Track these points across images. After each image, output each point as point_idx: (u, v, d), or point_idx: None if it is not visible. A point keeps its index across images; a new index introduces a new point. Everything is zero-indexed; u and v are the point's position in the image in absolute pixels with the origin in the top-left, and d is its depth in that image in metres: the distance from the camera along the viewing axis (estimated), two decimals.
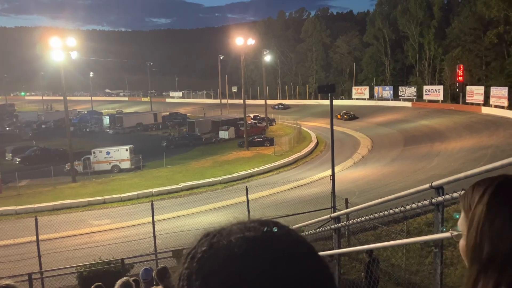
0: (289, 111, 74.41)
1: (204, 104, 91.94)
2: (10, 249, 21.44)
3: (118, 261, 13.52)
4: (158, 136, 58.86)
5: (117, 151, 40.76)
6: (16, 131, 67.21)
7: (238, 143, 48.56)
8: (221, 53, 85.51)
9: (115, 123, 69.13)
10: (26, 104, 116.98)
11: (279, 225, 0.76)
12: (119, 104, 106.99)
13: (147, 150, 44.51)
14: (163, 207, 23.78)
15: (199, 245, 0.74)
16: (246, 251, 0.69)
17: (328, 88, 16.66)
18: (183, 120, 69.31)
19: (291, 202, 23.46)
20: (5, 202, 31.46)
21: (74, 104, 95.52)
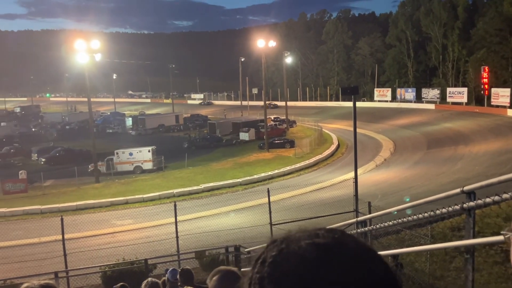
0: (310, 113, 74.04)
1: (225, 106, 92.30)
2: (36, 248, 21.93)
3: (141, 261, 13.66)
4: (180, 138, 59.30)
5: (140, 152, 41.22)
6: (41, 132, 68.59)
7: (259, 145, 48.58)
8: (242, 55, 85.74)
9: (138, 125, 69.95)
10: (51, 105, 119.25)
11: (345, 233, 0.80)
12: (141, 105, 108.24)
13: (168, 151, 44.89)
14: (184, 208, 23.91)
15: (268, 251, 0.77)
16: (318, 257, 0.72)
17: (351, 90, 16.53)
18: (204, 121, 69.71)
19: (312, 204, 23.35)
20: (31, 202, 32.15)
21: (97, 105, 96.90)
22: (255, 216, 22.97)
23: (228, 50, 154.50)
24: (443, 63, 77.04)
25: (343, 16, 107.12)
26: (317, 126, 56.18)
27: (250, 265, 0.78)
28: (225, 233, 20.09)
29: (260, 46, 54.43)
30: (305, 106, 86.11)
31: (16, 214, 29.83)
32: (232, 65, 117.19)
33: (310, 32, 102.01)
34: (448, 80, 75.19)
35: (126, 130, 69.39)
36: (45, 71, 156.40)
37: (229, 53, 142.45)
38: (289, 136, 54.19)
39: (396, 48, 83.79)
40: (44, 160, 46.00)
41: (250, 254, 11.49)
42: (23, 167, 42.24)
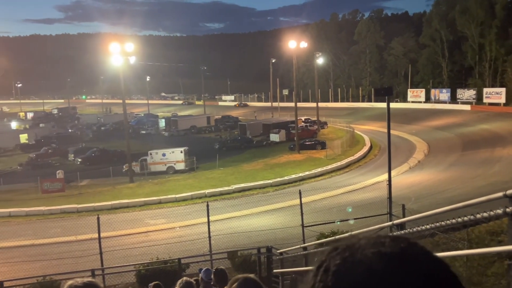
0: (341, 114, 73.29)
1: (256, 107, 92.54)
2: (72, 245, 22.60)
3: (174, 261, 13.88)
4: (211, 139, 59.87)
5: (172, 153, 41.86)
6: (77, 133, 70.50)
7: (289, 146, 48.48)
8: (273, 56, 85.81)
9: (170, 126, 70.99)
10: (87, 107, 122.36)
11: (411, 241, 0.76)
12: (174, 107, 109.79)
13: (200, 152, 45.38)
14: (215, 208, 24.13)
15: (330, 259, 0.75)
16: (385, 267, 0.70)
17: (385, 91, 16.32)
18: (235, 123, 70.10)
19: (344, 207, 23.14)
20: (68, 201, 33.12)
21: (131, 107, 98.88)
22: (286, 218, 22.97)
23: (259, 51, 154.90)
24: (479, 62, 74.90)
25: (375, 16, 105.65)
26: (349, 127, 55.62)
27: (283, 267, 0.81)
28: (256, 234, 20.16)
29: (291, 47, 54.34)
30: (337, 107, 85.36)
31: (54, 212, 30.77)
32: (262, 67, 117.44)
33: (342, 33, 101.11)
34: (485, 80, 73.04)
35: (159, 131, 70.51)
36: (82, 73, 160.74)
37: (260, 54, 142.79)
38: (320, 137, 53.85)
39: (430, 48, 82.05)
40: (80, 160, 47.27)
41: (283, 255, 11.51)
42: (60, 167, 43.55)
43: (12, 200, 34.45)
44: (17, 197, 35.27)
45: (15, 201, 33.95)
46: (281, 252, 11.58)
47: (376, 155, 44.04)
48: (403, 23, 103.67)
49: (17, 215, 30.67)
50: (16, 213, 30.86)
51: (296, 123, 49.82)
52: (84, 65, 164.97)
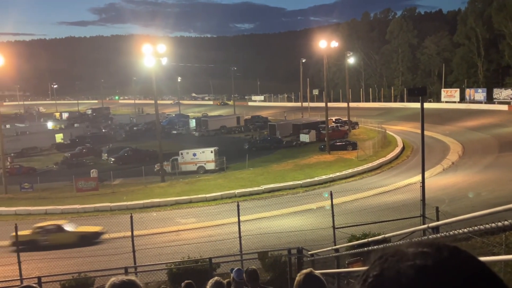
0: (373, 115, 72.28)
1: (285, 108, 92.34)
2: (105, 243, 23.13)
3: (205, 260, 13.97)
4: (241, 139, 60.08)
5: (203, 152, 42.23)
6: (111, 132, 72.02)
7: (319, 147, 48.12)
8: (303, 56, 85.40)
9: (201, 126, 71.65)
10: (120, 107, 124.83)
11: (456, 252, 0.73)
12: (204, 107, 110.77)
13: (230, 152, 45.59)
14: (245, 208, 24.17)
15: (372, 268, 0.75)
16: (415, 282, 0.68)
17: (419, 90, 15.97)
18: (265, 123, 70.12)
19: (376, 208, 22.80)
20: (101, 199, 33.86)
21: (163, 107, 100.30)
22: (316, 219, 22.80)
23: (289, 51, 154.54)
24: None
25: (408, 15, 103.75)
26: (381, 128, 54.83)
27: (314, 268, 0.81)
28: (286, 234, 20.10)
29: (321, 46, 53.93)
30: (368, 107, 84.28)
31: (88, 210, 31.53)
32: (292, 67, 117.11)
33: (374, 32, 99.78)
34: None
35: (190, 131, 71.28)
36: (115, 74, 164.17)
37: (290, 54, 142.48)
38: (351, 138, 53.25)
39: (465, 47, 79.94)
40: (113, 160, 48.27)
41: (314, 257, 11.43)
42: (94, 166, 44.58)
43: (48, 198, 35.50)
44: (52, 195, 36.31)
45: (51, 199, 34.97)
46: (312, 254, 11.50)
47: (409, 156, 43.24)
48: (437, 21, 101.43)
49: (53, 212, 31.55)
50: (52, 211, 31.77)
51: (326, 123, 49.41)
52: (117, 66, 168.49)
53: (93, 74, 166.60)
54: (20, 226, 17.89)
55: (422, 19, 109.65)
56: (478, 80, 78.10)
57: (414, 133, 50.33)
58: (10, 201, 35.13)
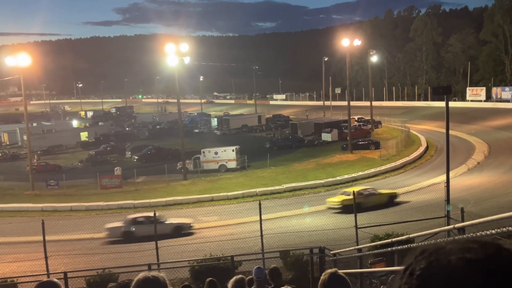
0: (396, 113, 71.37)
1: (307, 106, 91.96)
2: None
3: (227, 258, 14.06)
4: (262, 138, 60.10)
5: (224, 151, 42.44)
6: (134, 131, 72.96)
7: (342, 146, 47.78)
8: (325, 54, 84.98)
9: (222, 125, 71.98)
10: (143, 106, 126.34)
11: (501, 248, 0.75)
12: (226, 106, 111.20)
13: (251, 151, 45.67)
14: (267, 207, 24.24)
15: (416, 262, 0.77)
16: (467, 274, 0.70)
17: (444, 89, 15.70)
18: (286, 122, 69.99)
19: (399, 208, 22.58)
20: (125, 196, 34.35)
21: (185, 106, 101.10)
22: (338, 219, 22.69)
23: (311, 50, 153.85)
24: None
25: (432, 12, 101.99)
26: (404, 127, 54.10)
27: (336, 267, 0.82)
28: (307, 234, 20.05)
29: (344, 45, 53.51)
30: (391, 106, 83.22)
31: (112, 207, 32.02)
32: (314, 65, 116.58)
33: (397, 30, 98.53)
34: None
35: (212, 130, 71.66)
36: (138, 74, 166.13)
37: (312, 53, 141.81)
38: (374, 137, 52.72)
39: (492, 44, 78.21)
40: (137, 158, 48.89)
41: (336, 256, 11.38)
42: (118, 164, 45.26)
43: (73, 195, 36.20)
44: (77, 192, 37.01)
45: (76, 196, 35.65)
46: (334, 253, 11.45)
47: (433, 155, 42.58)
48: (462, 18, 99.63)
49: (78, 209, 32.19)
50: (77, 207, 32.40)
51: (349, 122, 49.02)
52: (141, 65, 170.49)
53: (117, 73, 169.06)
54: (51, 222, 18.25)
55: (447, 17, 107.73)
56: (505, 78, 76.35)
57: (438, 132, 49.51)
58: (37, 198, 35.96)
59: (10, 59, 41.71)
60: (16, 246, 22.60)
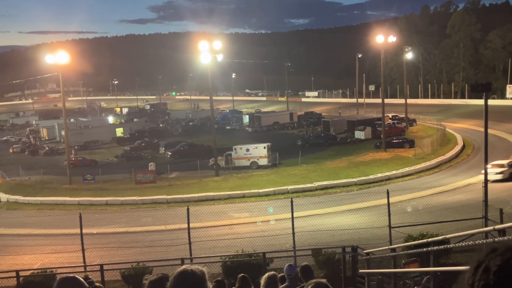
0: (432, 111, 69.72)
1: (340, 104, 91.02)
2: (162, 234, 23.82)
3: (259, 255, 14.12)
4: (294, 135, 59.92)
5: (256, 148, 42.56)
6: (168, 127, 74.07)
7: (375, 144, 47.10)
8: (359, 51, 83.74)
9: (254, 122, 72.10)
10: (176, 103, 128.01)
11: None
12: (257, 103, 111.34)
13: (283, 148, 45.63)
14: (298, 204, 24.15)
15: (490, 259, 0.80)
16: None
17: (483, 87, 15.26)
18: (318, 119, 69.49)
19: (434, 208, 22.07)
20: (158, 192, 34.95)
21: (217, 103, 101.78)
22: (370, 218, 22.42)
23: (344, 46, 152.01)
24: None
25: (471, 7, 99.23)
26: (440, 125, 52.86)
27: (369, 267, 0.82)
28: (339, 232, 19.91)
29: (378, 41, 52.63)
30: (427, 103, 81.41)
31: (146, 202, 32.67)
32: (347, 62, 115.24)
33: (433, 26, 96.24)
34: None
35: (243, 127, 71.92)
36: (172, 71, 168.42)
37: (345, 50, 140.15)
38: (409, 135, 51.73)
39: None
40: (170, 154, 49.66)
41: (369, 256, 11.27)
42: (152, 159, 46.09)
43: (109, 189, 37.10)
44: (113, 187, 37.90)
45: (112, 191, 36.52)
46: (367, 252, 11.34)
47: (469, 155, 41.44)
48: (503, 13, 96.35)
49: (113, 203, 32.99)
50: (112, 201, 33.21)
51: (383, 120, 48.25)
52: (174, 63, 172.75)
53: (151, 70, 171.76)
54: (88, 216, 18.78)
55: (486, 12, 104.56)
56: None
57: (475, 131, 48.13)
58: (74, 192, 37.05)
59: (49, 56, 42.95)
60: (55, 238, 23.38)
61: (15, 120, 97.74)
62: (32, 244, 22.80)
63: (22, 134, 75.12)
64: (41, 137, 71.45)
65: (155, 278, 2.58)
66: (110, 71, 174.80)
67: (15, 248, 21.37)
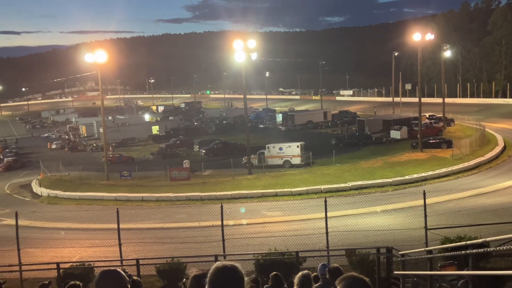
0: (470, 111, 67.79)
1: (375, 103, 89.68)
2: (196, 231, 24.15)
3: (292, 253, 14.12)
4: (327, 134, 59.48)
5: (289, 147, 42.49)
6: (202, 125, 74.93)
7: (411, 144, 46.19)
8: (395, 49, 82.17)
9: (287, 121, 71.99)
10: (211, 101, 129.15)
11: None
12: (291, 102, 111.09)
13: (316, 147, 45.39)
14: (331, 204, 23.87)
15: None
16: None
17: None
18: (353, 118, 68.73)
19: (472, 211, 21.48)
20: (193, 189, 35.44)
21: (251, 102, 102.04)
22: (406, 219, 22.03)
23: (380, 45, 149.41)
24: None
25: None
26: (479, 125, 51.31)
27: (404, 269, 0.80)
28: (373, 233, 19.66)
29: (415, 39, 51.50)
30: (465, 103, 79.16)
31: (180, 199, 33.19)
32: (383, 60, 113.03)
33: (473, 23, 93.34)
34: None
35: (276, 125, 71.93)
36: (207, 70, 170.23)
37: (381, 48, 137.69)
38: (446, 135, 50.48)
39: None
40: (204, 152, 50.25)
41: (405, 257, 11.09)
42: (187, 157, 46.80)
43: (145, 186, 37.88)
44: (148, 184, 38.67)
45: (147, 187, 37.28)
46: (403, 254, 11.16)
47: (510, 156, 40.07)
48: None
49: (149, 200, 33.68)
50: (148, 198, 33.90)
51: (419, 119, 47.23)
52: (209, 62, 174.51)
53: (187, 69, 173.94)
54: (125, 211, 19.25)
55: None
56: None
57: None
58: (111, 188, 38.02)
59: (89, 56, 44.14)
60: (92, 232, 24.09)
61: (56, 117, 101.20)
62: (71, 238, 23.59)
63: (62, 131, 77.63)
64: (80, 134, 73.62)
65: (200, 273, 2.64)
66: (147, 70, 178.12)
67: (55, 241, 22.12)
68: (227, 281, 2.26)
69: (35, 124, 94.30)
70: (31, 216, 26.71)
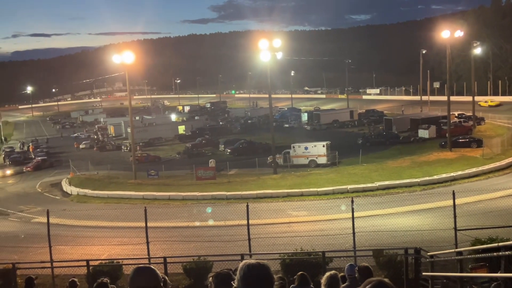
0: (502, 109, 66.07)
1: (403, 101, 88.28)
2: (221, 230, 24.29)
3: (318, 253, 14.03)
4: (354, 133, 58.91)
5: (315, 146, 42.25)
6: (227, 125, 75.27)
7: (440, 143, 45.33)
8: (423, 47, 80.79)
9: (313, 120, 71.60)
10: (236, 101, 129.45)
11: None
12: (316, 101, 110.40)
13: (342, 147, 45.01)
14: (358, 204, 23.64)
15: None
16: None
17: None
18: (380, 117, 67.82)
19: (504, 212, 20.90)
20: (218, 188, 35.66)
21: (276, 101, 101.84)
22: (434, 219, 21.64)
23: (407, 42, 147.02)
24: None
25: None
26: (511, 124, 49.93)
27: (433, 270, 0.79)
28: (401, 233, 19.37)
29: (444, 36, 50.44)
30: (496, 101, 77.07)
31: (206, 198, 33.44)
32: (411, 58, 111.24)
33: (505, 19, 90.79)
34: None
35: (302, 125, 71.63)
36: (232, 70, 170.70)
37: (408, 45, 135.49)
38: (476, 134, 49.32)
39: None
40: (229, 151, 50.50)
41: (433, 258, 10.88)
42: (212, 156, 47.14)
43: (171, 185, 38.33)
44: (175, 182, 39.12)
45: (174, 186, 37.72)
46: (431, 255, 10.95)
47: None
48: None
49: (175, 198, 34.06)
50: (174, 197, 34.28)
51: (448, 118, 46.30)
52: (234, 61, 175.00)
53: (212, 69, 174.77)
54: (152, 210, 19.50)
55: None
56: None
57: None
58: (138, 186, 38.62)
59: (116, 57, 44.91)
60: (121, 231, 24.47)
61: (85, 117, 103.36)
62: (100, 236, 24.07)
63: (91, 131, 79.24)
64: (109, 134, 74.97)
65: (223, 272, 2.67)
66: (173, 70, 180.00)
67: (85, 239, 22.57)
68: (260, 277, 2.29)
69: (65, 124, 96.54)
70: (62, 214, 27.34)
